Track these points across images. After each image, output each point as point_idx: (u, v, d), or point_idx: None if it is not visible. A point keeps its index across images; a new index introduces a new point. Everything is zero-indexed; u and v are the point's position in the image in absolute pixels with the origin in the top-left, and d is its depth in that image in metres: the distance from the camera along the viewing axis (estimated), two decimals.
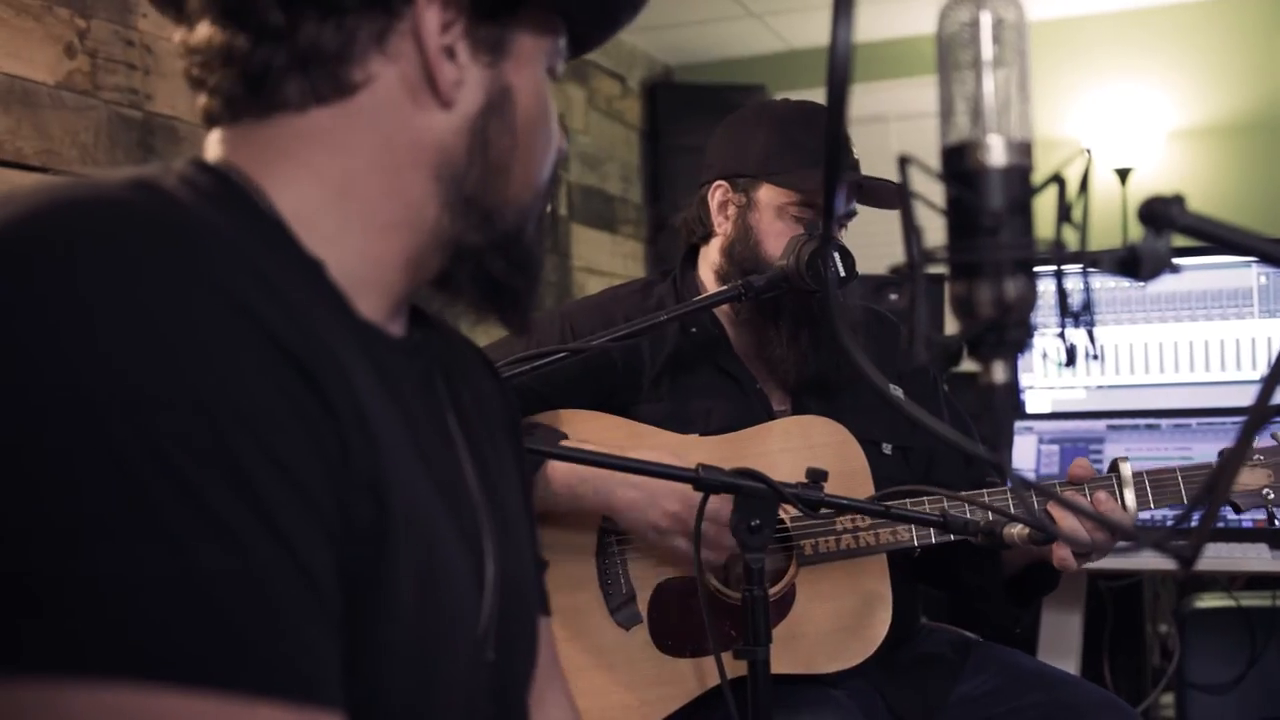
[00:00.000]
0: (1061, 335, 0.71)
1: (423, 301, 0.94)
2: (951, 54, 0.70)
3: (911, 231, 0.71)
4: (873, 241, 2.21)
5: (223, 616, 0.62)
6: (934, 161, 0.71)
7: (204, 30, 0.81)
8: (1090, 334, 0.72)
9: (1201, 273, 2.51)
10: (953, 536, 1.62)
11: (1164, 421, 2.41)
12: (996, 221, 0.70)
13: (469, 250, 0.87)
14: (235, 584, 0.63)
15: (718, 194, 1.87)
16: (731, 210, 1.86)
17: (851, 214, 1.87)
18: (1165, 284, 2.45)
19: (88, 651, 0.60)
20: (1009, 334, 0.71)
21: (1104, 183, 5.18)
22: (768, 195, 1.82)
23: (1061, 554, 1.63)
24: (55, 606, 0.60)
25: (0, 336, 0.62)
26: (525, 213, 0.90)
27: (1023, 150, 0.70)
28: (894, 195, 1.70)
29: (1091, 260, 0.70)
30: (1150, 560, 2.26)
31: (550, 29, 0.90)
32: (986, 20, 0.69)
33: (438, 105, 0.83)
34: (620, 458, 1.51)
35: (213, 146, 0.83)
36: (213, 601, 0.62)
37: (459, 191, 0.85)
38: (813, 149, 1.80)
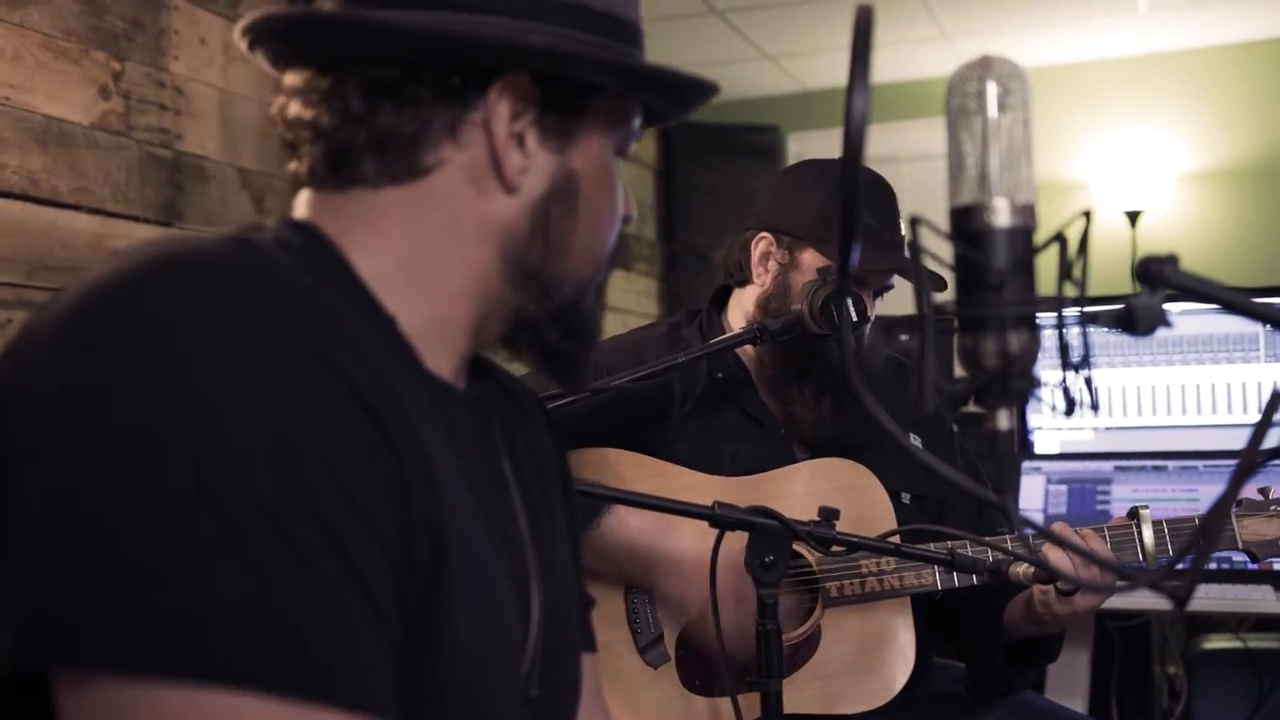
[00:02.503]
0: (1063, 386, 0.76)
1: (486, 352, 0.99)
2: (960, 122, 0.75)
3: (922, 286, 0.75)
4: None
5: (296, 630, 0.68)
6: (945, 205, 0.76)
7: (296, 106, 0.88)
8: (1089, 385, 0.76)
9: (1207, 317, 2.55)
10: (975, 579, 1.66)
11: (1171, 463, 2.44)
12: (1001, 279, 0.74)
13: (528, 320, 0.93)
14: (306, 600, 0.69)
15: (761, 244, 1.88)
16: (773, 265, 1.86)
17: (889, 287, 1.88)
18: (1172, 328, 2.48)
19: (180, 657, 0.66)
20: (1013, 384, 0.75)
21: (1114, 226, 5.21)
22: (812, 259, 1.83)
23: (1041, 596, 1.67)
24: (153, 617, 0.66)
25: (108, 386, 0.69)
26: (584, 284, 0.95)
27: (1026, 212, 0.74)
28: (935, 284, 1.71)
29: (1091, 316, 0.74)
30: (1157, 601, 2.28)
31: (621, 116, 0.94)
32: (993, 91, 0.74)
33: (503, 190, 0.88)
34: (638, 494, 1.55)
35: (301, 206, 0.91)
36: (288, 616, 0.68)
37: (520, 267, 0.90)
38: (867, 224, 1.80)
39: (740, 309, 1.93)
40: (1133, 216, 5.23)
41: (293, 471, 0.69)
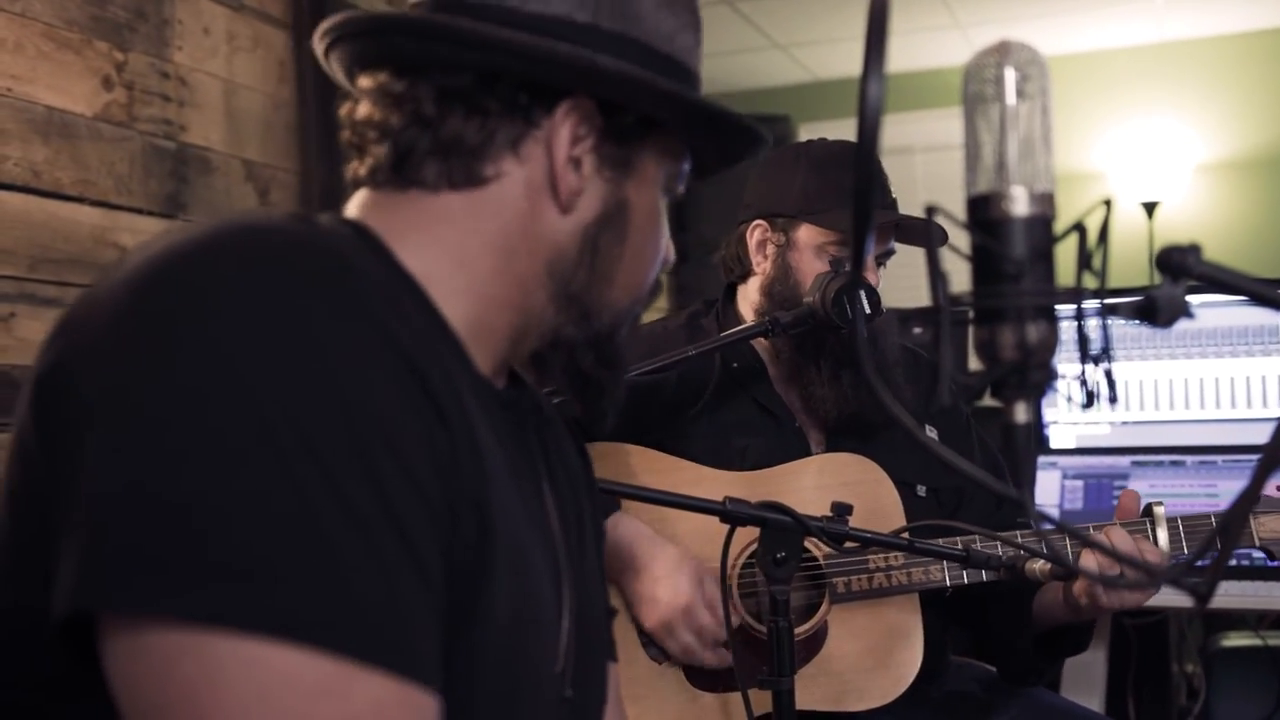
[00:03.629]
0: (1081, 378, 0.73)
1: (518, 368, 1.01)
2: (977, 109, 0.72)
3: (938, 277, 0.73)
4: (898, 275, 2.21)
5: (348, 588, 0.70)
6: (960, 196, 0.74)
7: (366, 107, 0.91)
8: (1109, 378, 0.74)
9: (1227, 309, 2.51)
10: (984, 575, 1.64)
11: (1189, 458, 2.41)
12: (1019, 269, 0.72)
13: (565, 341, 0.95)
14: (359, 560, 0.70)
15: (756, 233, 1.89)
16: (770, 249, 1.87)
17: (890, 252, 1.88)
18: (1191, 320, 2.45)
19: (231, 606, 0.67)
20: (1031, 376, 0.73)
21: (1131, 217, 5.18)
22: (807, 235, 1.84)
23: (1085, 589, 1.64)
24: (208, 566, 0.67)
25: (174, 348, 0.71)
26: (621, 316, 0.98)
27: (1045, 200, 0.72)
28: (936, 236, 1.71)
29: (1111, 307, 0.72)
30: (1174, 598, 2.25)
31: (675, 154, 0.98)
32: (1011, 77, 0.71)
33: (557, 209, 0.91)
34: (647, 490, 1.53)
35: (353, 207, 0.93)
36: (340, 574, 0.69)
37: (566, 288, 0.93)
38: (851, 188, 1.81)
39: (747, 302, 1.93)
40: (1149, 208, 5.19)
41: (352, 434, 0.71)
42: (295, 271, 0.74)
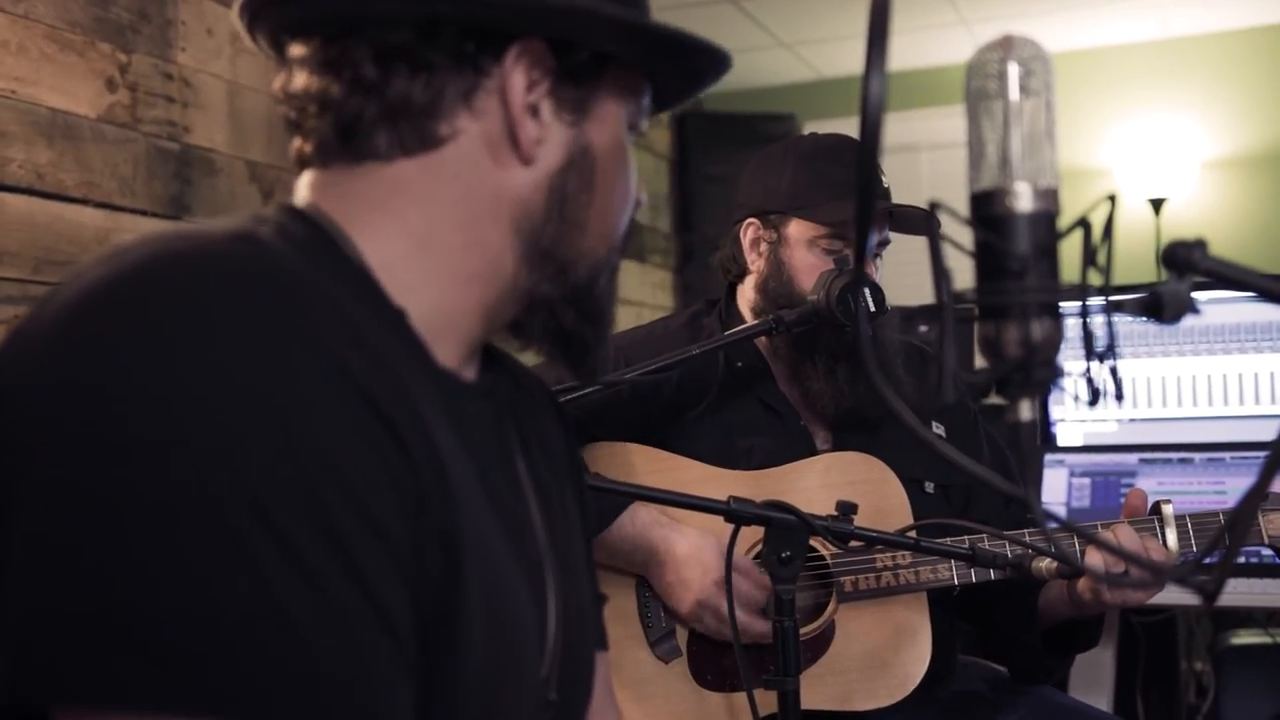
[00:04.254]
0: (1087, 375, 0.72)
1: (496, 342, 0.97)
2: (980, 105, 0.72)
3: (941, 274, 0.72)
4: (903, 273, 2.21)
5: (304, 654, 0.65)
6: (966, 193, 0.73)
7: (302, 78, 0.85)
8: (1115, 375, 0.73)
9: (1234, 305, 2.50)
10: (992, 574, 1.63)
11: (1197, 455, 2.40)
12: (1023, 265, 0.71)
13: (542, 301, 0.90)
14: (318, 624, 0.66)
15: (749, 231, 1.89)
16: (764, 247, 1.87)
17: (885, 242, 1.88)
18: (1197, 317, 2.44)
19: (178, 692, 0.62)
20: (1035, 374, 0.72)
21: (1138, 213, 5.16)
22: (798, 230, 1.84)
23: (1090, 586, 1.63)
24: (141, 641, 0.62)
25: (107, 386, 0.65)
26: (598, 266, 0.93)
27: (1049, 196, 0.71)
28: (924, 221, 1.71)
29: (1116, 303, 0.71)
30: (1182, 595, 2.24)
31: (634, 89, 0.93)
32: (1014, 72, 0.71)
33: (519, 162, 0.86)
34: (653, 489, 1.53)
35: (303, 189, 0.87)
36: (295, 641, 0.65)
37: (536, 245, 0.88)
38: (839, 181, 1.81)
39: (745, 301, 1.93)
40: (1156, 204, 5.18)
41: (307, 489, 0.66)
42: (236, 309, 0.69)
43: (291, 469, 0.66)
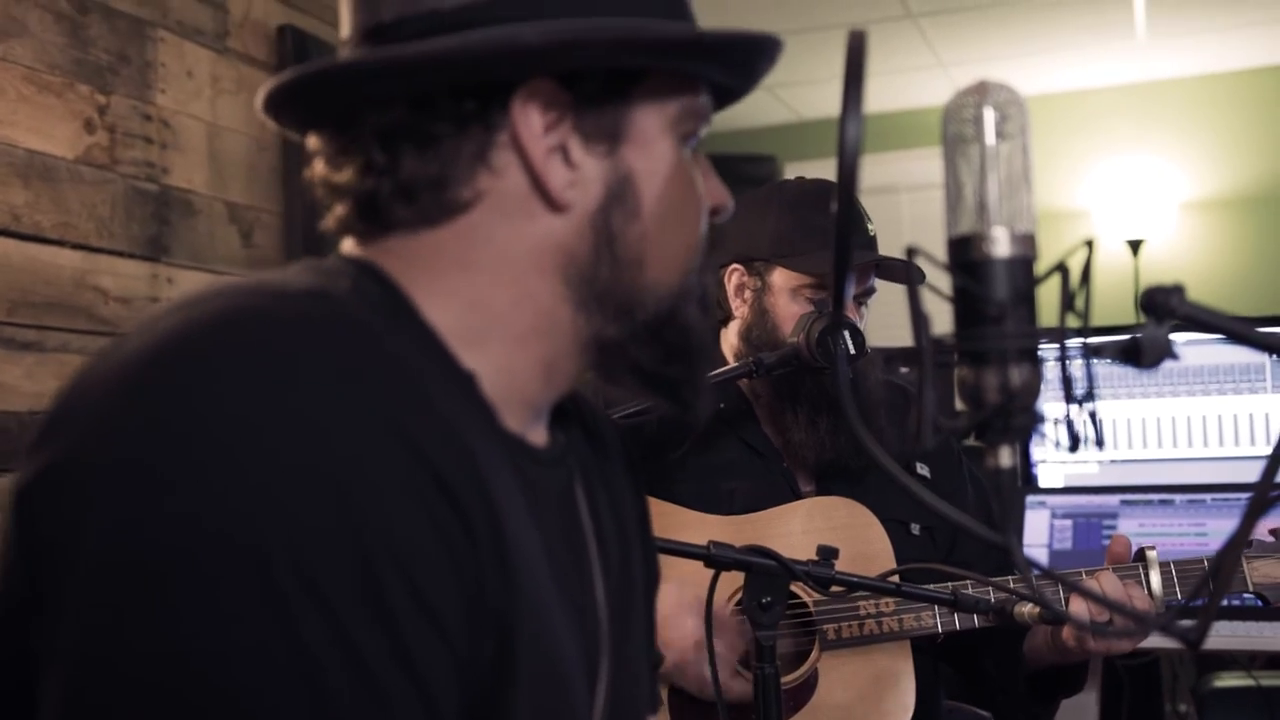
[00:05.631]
0: (1066, 420, 0.72)
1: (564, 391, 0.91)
2: (957, 150, 0.71)
3: (919, 320, 0.71)
4: (884, 313, 2.21)
5: None
6: (945, 237, 0.73)
7: (320, 167, 0.83)
8: (1095, 420, 0.72)
9: (1214, 347, 2.51)
10: (976, 621, 1.62)
11: (1178, 497, 2.40)
12: (1001, 311, 0.70)
13: (611, 345, 0.85)
14: (356, 704, 0.63)
15: (734, 277, 1.87)
16: (748, 294, 1.86)
17: (870, 291, 1.86)
18: (1176, 360, 2.45)
19: None
20: (1015, 420, 0.71)
21: (1116, 255, 5.19)
22: (782, 278, 1.82)
23: (1074, 633, 1.62)
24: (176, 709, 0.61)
25: (171, 449, 0.64)
26: (673, 295, 0.86)
27: (1026, 241, 0.71)
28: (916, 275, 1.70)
29: (1095, 349, 0.71)
30: (1167, 641, 2.23)
31: (675, 93, 0.85)
32: (990, 117, 0.70)
33: (552, 210, 0.81)
34: None
35: (351, 245, 0.85)
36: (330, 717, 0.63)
37: (590, 291, 0.83)
38: (824, 229, 1.80)
39: (729, 345, 1.91)
40: (1135, 245, 5.21)
41: (366, 572, 0.64)
42: (311, 375, 0.66)
43: (348, 544, 0.64)
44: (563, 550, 0.87)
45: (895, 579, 1.52)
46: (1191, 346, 2.51)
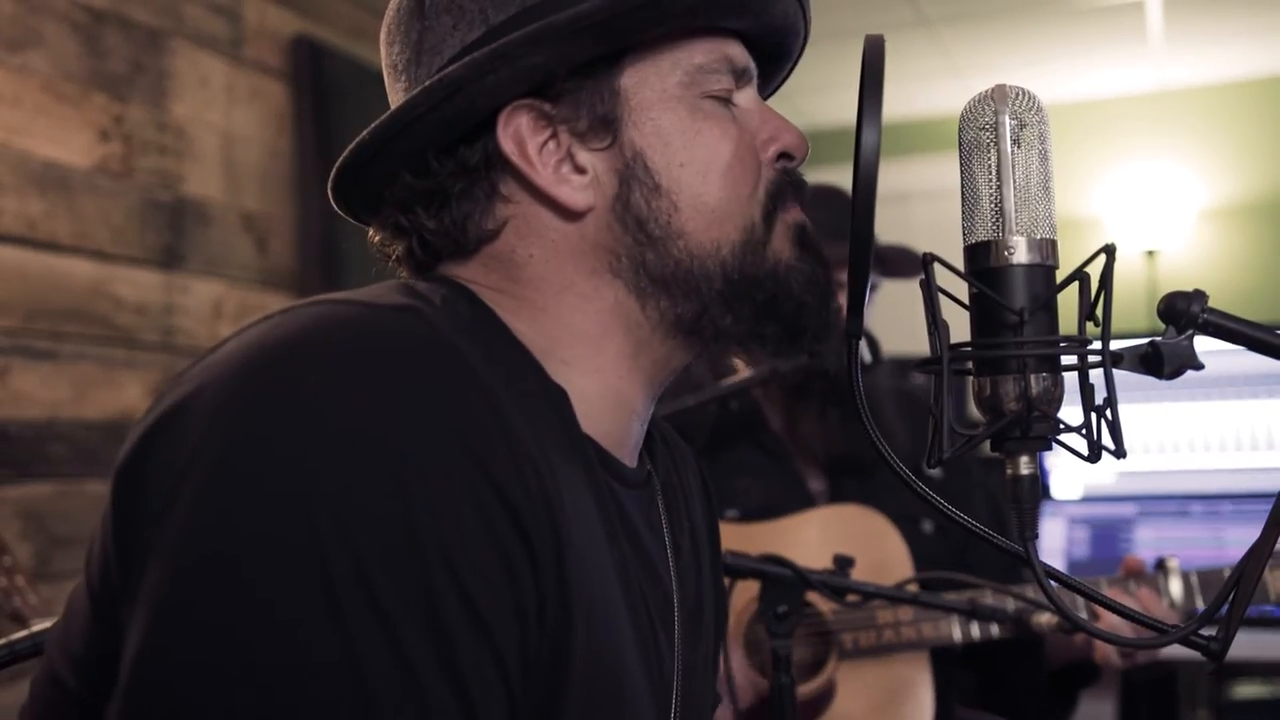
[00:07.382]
0: (1085, 430, 0.71)
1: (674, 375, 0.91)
2: (974, 156, 0.71)
3: (936, 327, 0.71)
4: (898, 318, 2.20)
5: None
6: (961, 243, 0.72)
7: (372, 233, 0.90)
8: (1116, 431, 0.71)
9: (1232, 355, 2.49)
10: (995, 629, 1.61)
11: (1196, 505, 2.38)
12: (1020, 318, 0.70)
13: (692, 322, 0.84)
14: (396, 705, 0.64)
15: None
16: None
17: (873, 287, 1.87)
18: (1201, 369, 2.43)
19: None
20: (1033, 429, 0.71)
21: (1132, 264, 5.16)
22: None
23: (1104, 651, 1.62)
24: (227, 707, 0.63)
25: (256, 442, 0.66)
26: (737, 253, 0.84)
27: (1046, 248, 0.70)
28: (914, 266, 1.70)
29: (1114, 358, 0.70)
30: (1185, 652, 2.22)
31: (673, 54, 0.83)
32: (1007, 123, 0.70)
33: (574, 217, 0.83)
34: None
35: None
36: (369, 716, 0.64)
37: (643, 275, 0.83)
38: (829, 224, 1.80)
39: None
40: (1151, 254, 5.18)
41: (419, 577, 0.65)
42: (392, 393, 0.68)
43: (406, 553, 0.65)
44: (641, 576, 0.86)
45: (913, 588, 1.51)
46: (1208, 354, 2.49)
